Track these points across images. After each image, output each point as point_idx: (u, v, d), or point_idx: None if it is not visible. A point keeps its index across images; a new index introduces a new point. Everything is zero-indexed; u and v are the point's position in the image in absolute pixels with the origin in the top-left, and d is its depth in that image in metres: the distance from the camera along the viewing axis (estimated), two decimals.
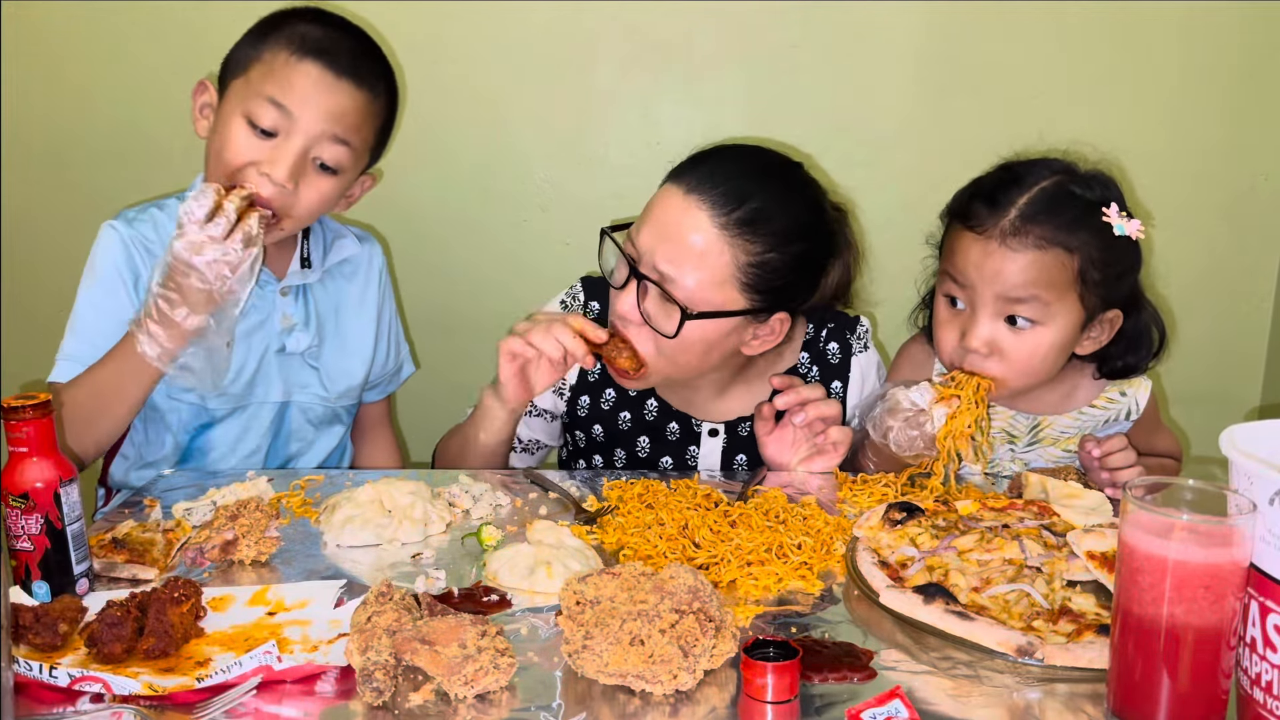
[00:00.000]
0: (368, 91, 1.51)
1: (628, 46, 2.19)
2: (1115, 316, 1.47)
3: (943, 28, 2.17)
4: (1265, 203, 2.28)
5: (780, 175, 1.47)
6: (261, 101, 1.45)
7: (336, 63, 1.47)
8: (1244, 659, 0.89)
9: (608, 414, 1.65)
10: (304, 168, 1.49)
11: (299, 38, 1.48)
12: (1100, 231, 1.40)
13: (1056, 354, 1.45)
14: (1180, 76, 2.19)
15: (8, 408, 1.07)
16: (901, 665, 1.01)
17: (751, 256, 1.40)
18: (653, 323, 1.42)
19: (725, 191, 1.39)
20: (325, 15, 1.55)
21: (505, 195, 2.28)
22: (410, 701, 0.93)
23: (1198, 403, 2.32)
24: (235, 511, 1.24)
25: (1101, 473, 1.45)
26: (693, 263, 1.39)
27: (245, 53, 1.51)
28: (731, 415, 1.63)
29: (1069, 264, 1.40)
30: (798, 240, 1.43)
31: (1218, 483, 0.92)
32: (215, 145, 1.50)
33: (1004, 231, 1.39)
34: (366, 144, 1.55)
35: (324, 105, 1.47)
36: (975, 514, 1.29)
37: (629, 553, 1.25)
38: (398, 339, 1.85)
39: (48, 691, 0.94)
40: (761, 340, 1.50)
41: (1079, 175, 1.46)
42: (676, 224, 1.40)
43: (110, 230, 1.57)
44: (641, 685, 0.94)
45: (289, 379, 1.66)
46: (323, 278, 1.68)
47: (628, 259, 1.44)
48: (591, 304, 1.64)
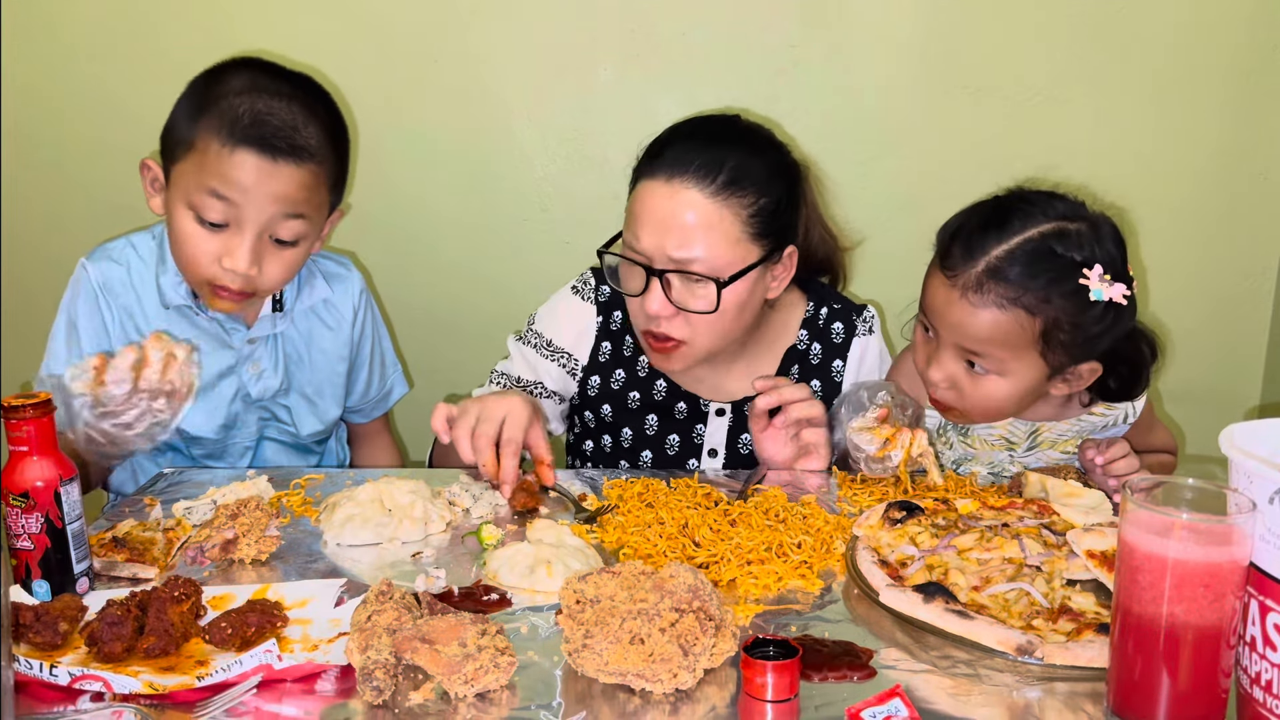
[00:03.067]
0: (309, 163, 1.46)
1: (628, 46, 2.19)
2: (1092, 368, 1.44)
3: (943, 28, 2.17)
4: (1265, 203, 2.28)
5: (736, 130, 1.55)
6: (203, 196, 1.42)
7: (271, 145, 1.42)
8: (1244, 658, 0.89)
9: (617, 393, 1.68)
10: (263, 248, 1.47)
11: (229, 122, 1.41)
12: (1075, 295, 1.34)
13: (1016, 401, 1.44)
14: (1180, 76, 2.19)
15: (8, 407, 1.07)
16: (901, 664, 1.01)
17: (750, 209, 1.47)
18: (688, 306, 1.48)
19: (703, 164, 1.45)
20: (258, 74, 1.47)
21: (505, 195, 2.27)
22: (410, 700, 0.93)
23: (1197, 402, 2.32)
24: (235, 510, 1.24)
25: (1107, 480, 1.45)
26: (704, 237, 1.44)
27: (180, 134, 1.46)
28: (738, 395, 1.66)
29: (1029, 326, 1.35)
30: (777, 178, 1.52)
31: (1217, 482, 0.92)
32: (171, 233, 1.50)
33: (967, 284, 1.36)
34: (322, 205, 1.53)
35: (266, 191, 1.43)
36: (975, 513, 1.29)
37: (629, 551, 1.25)
38: (383, 366, 1.82)
39: (48, 690, 0.94)
40: (780, 280, 1.57)
41: (1070, 228, 1.36)
42: (672, 212, 1.45)
43: (81, 271, 1.58)
44: (641, 684, 0.94)
45: (261, 420, 1.67)
46: (294, 318, 1.66)
47: (639, 264, 1.47)
48: (603, 288, 1.67)
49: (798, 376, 1.67)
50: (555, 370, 1.67)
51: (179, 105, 1.50)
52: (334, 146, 1.51)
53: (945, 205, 2.30)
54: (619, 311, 1.67)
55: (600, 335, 1.67)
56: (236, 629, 1.01)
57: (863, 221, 2.26)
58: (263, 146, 1.42)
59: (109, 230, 2.19)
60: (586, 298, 1.68)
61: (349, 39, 2.16)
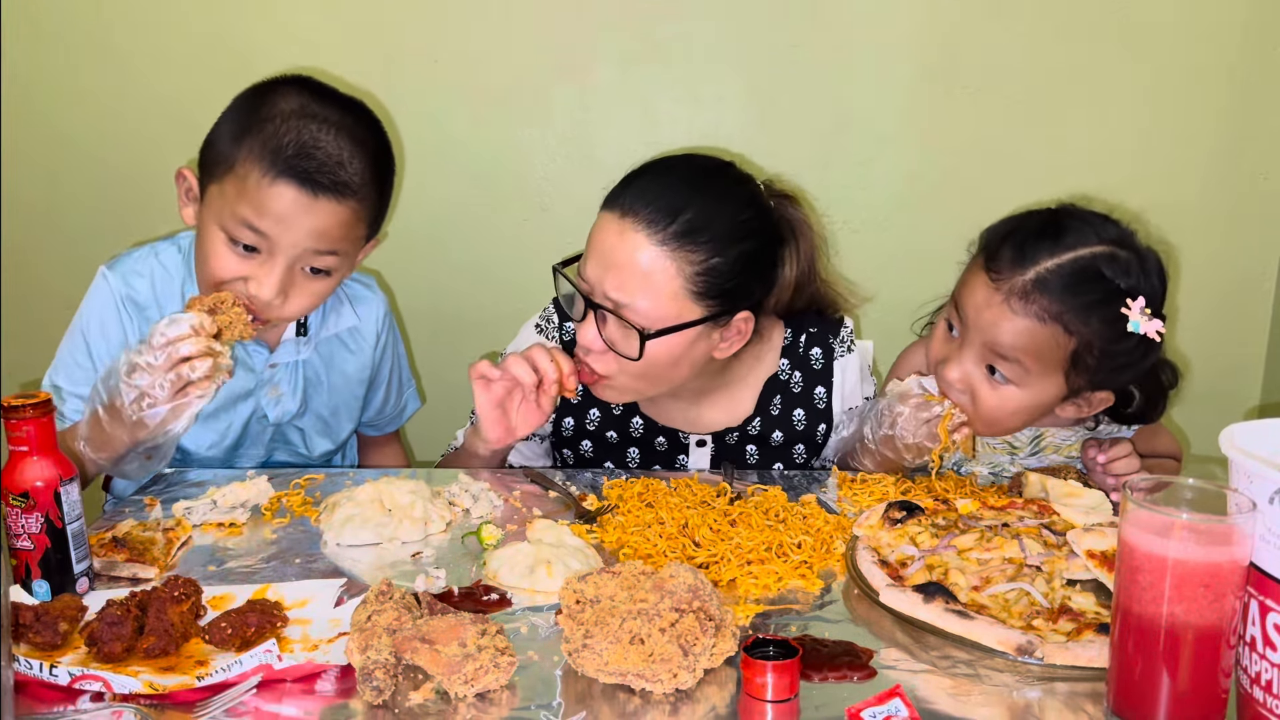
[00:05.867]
0: (350, 200, 1.40)
1: (628, 46, 2.19)
2: (1104, 398, 1.43)
3: (943, 27, 2.17)
4: (1265, 203, 2.28)
5: (709, 180, 1.45)
6: (238, 223, 1.37)
7: (313, 180, 1.36)
8: (1244, 658, 0.89)
9: (594, 432, 1.64)
10: (292, 279, 1.42)
11: (273, 151, 1.36)
12: (1114, 323, 1.33)
13: (1025, 415, 1.42)
14: (1180, 76, 2.19)
15: (8, 407, 1.07)
16: (901, 664, 1.01)
17: (696, 266, 1.38)
18: (617, 348, 1.41)
19: (657, 209, 1.38)
20: (309, 98, 1.42)
21: (505, 195, 2.27)
22: (410, 700, 0.93)
23: (1198, 402, 2.31)
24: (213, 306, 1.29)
25: (1106, 478, 1.45)
26: (640, 285, 1.37)
27: (221, 152, 1.40)
28: (717, 426, 1.62)
29: (1064, 343, 1.34)
30: (740, 240, 1.41)
31: (1217, 481, 0.92)
32: (199, 246, 1.45)
33: (1014, 289, 1.34)
34: (359, 240, 1.48)
35: (303, 227, 1.38)
36: (975, 513, 1.29)
37: (629, 551, 1.25)
38: (400, 386, 1.82)
39: (48, 690, 0.94)
40: (730, 342, 1.48)
41: (1121, 254, 1.35)
42: (616, 250, 1.38)
43: (101, 280, 1.54)
44: (641, 684, 0.94)
45: (272, 440, 1.66)
46: (316, 344, 1.64)
47: (580, 292, 1.43)
48: (566, 325, 1.61)
49: (780, 407, 1.62)
50: None
51: (223, 120, 1.44)
52: (377, 183, 1.46)
53: (944, 205, 2.31)
54: None
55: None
56: (236, 629, 1.01)
57: (863, 221, 2.26)
58: (304, 181, 1.36)
59: (109, 230, 2.21)
60: (550, 337, 1.62)
61: (349, 39, 2.17)
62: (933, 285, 1.58)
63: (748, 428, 1.62)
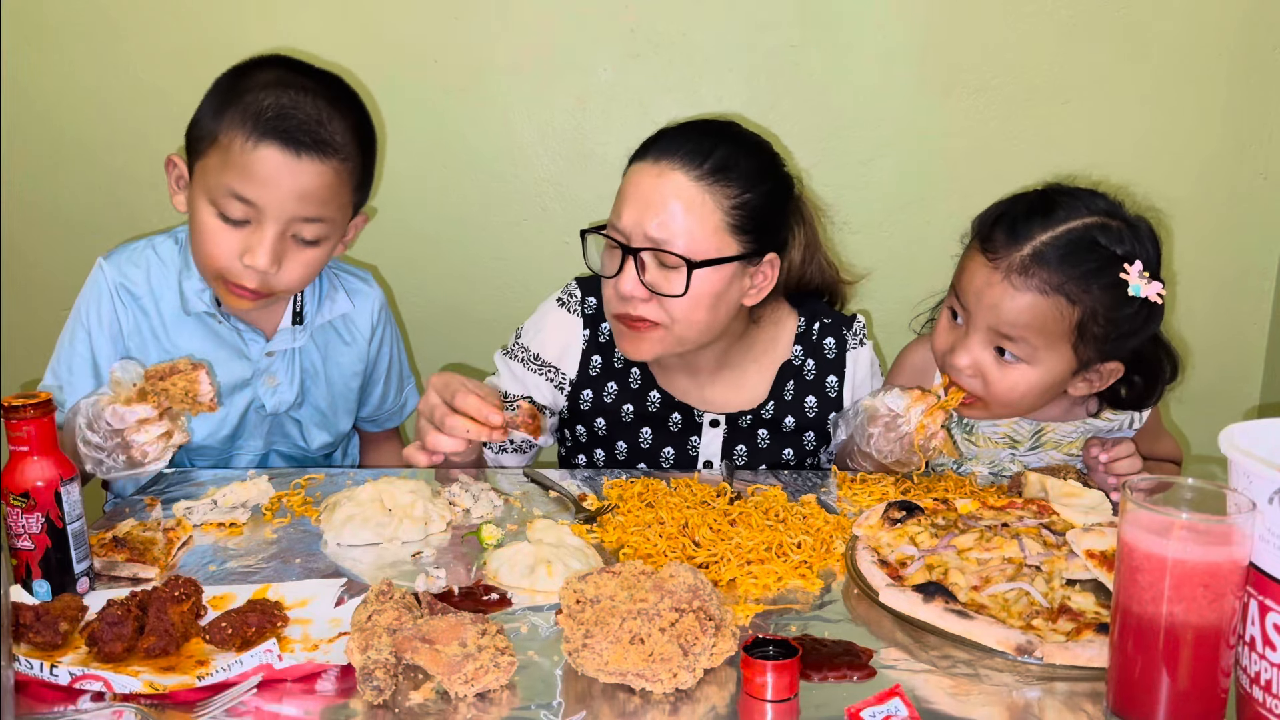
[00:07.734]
0: (333, 160, 1.43)
1: (628, 46, 2.19)
2: (1115, 369, 1.44)
3: (943, 27, 2.17)
4: (1265, 203, 2.28)
5: (730, 127, 1.56)
6: (225, 194, 1.40)
7: (295, 139, 1.39)
8: (1243, 657, 0.89)
9: (610, 406, 1.66)
10: (284, 246, 1.45)
11: (253, 116, 1.39)
12: (1114, 288, 1.35)
13: (1038, 394, 1.43)
14: (1180, 76, 2.19)
15: (8, 407, 1.07)
16: (901, 664, 1.01)
17: (733, 199, 1.46)
18: (660, 290, 1.47)
19: (691, 149, 1.47)
20: (285, 70, 1.46)
21: (505, 195, 2.28)
22: (410, 700, 0.94)
23: (1198, 402, 2.32)
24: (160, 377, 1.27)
25: (1108, 477, 1.45)
26: (682, 219, 1.45)
27: (205, 127, 1.44)
28: (731, 407, 1.66)
29: (1068, 314, 1.36)
30: (767, 178, 1.51)
31: (1217, 481, 0.92)
32: (192, 226, 1.47)
33: (1011, 266, 1.36)
34: (346, 206, 1.50)
35: (288, 188, 1.40)
36: (975, 512, 1.29)
37: (629, 551, 1.25)
38: (399, 380, 1.83)
39: (48, 690, 0.94)
40: (759, 288, 1.55)
41: (1112, 223, 1.37)
42: (656, 189, 1.46)
43: (98, 271, 1.56)
44: (641, 684, 0.94)
45: (270, 432, 1.66)
46: (311, 332, 1.65)
47: (617, 243, 1.48)
48: (589, 299, 1.65)
49: (792, 393, 1.66)
50: (543, 385, 1.65)
51: (205, 101, 1.47)
52: (360, 144, 1.49)
53: (944, 204, 2.31)
54: (607, 323, 1.64)
55: (589, 349, 1.65)
56: (237, 629, 1.01)
57: (862, 221, 2.26)
58: (286, 140, 1.39)
59: (109, 230, 2.21)
60: (572, 310, 1.66)
61: (349, 39, 2.16)
62: (932, 285, 1.59)
63: (761, 411, 1.65)
